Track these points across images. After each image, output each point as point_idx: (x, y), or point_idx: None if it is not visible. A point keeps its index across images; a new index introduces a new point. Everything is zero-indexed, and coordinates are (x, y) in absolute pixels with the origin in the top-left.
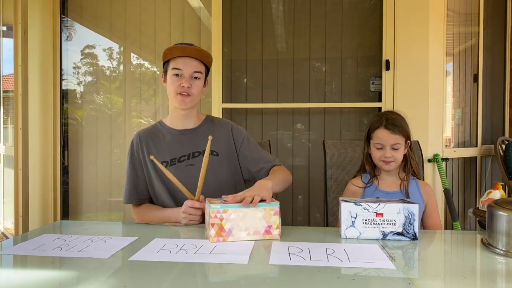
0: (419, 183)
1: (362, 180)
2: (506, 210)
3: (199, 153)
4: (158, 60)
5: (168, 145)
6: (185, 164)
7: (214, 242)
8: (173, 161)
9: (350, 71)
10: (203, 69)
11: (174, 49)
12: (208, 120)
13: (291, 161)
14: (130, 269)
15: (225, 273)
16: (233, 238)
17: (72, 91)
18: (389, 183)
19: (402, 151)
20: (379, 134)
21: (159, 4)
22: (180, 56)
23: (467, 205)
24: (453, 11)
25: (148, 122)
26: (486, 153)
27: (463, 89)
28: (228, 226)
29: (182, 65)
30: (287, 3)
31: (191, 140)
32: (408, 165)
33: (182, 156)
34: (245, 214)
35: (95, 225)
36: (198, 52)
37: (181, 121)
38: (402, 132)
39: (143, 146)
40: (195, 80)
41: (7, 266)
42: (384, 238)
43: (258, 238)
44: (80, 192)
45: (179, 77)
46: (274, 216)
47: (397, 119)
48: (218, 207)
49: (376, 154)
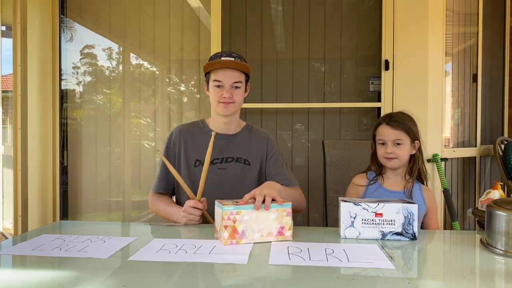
0: (423, 188)
1: (367, 177)
2: (505, 210)
3: (232, 159)
4: (158, 60)
5: (206, 146)
6: (217, 167)
7: (227, 244)
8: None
9: (350, 71)
10: (243, 78)
11: (214, 63)
12: (247, 128)
13: (291, 161)
14: (129, 269)
15: (225, 273)
16: (247, 240)
17: (71, 91)
18: (393, 182)
19: (406, 149)
20: (381, 131)
21: (158, 4)
22: (220, 68)
23: (466, 205)
24: (452, 11)
25: (147, 122)
26: (485, 153)
27: (462, 89)
28: (242, 228)
29: (222, 77)
30: (287, 3)
31: (227, 145)
32: (414, 167)
33: (216, 159)
34: (258, 215)
35: (95, 225)
36: (237, 64)
37: (222, 126)
38: (404, 129)
39: (181, 140)
40: (236, 89)
41: (6, 266)
42: (384, 238)
43: (271, 239)
44: (79, 192)
45: (220, 88)
46: (287, 217)
47: (402, 117)
48: (231, 208)
49: (379, 150)
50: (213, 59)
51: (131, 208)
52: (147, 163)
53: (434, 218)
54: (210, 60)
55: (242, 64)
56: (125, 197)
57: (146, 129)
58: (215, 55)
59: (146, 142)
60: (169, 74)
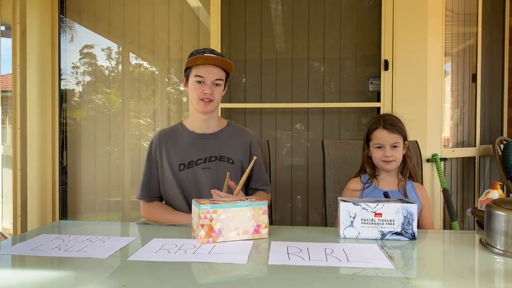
0: (415, 185)
1: (361, 180)
2: (505, 210)
3: (216, 158)
4: (157, 60)
5: (187, 148)
6: (202, 167)
7: (204, 243)
8: (190, 164)
9: (349, 71)
10: (224, 75)
11: (198, 58)
12: (229, 126)
13: (290, 161)
14: (129, 269)
15: (224, 273)
16: (223, 238)
17: (70, 91)
18: (387, 182)
19: (401, 150)
20: (378, 135)
21: (158, 3)
22: (202, 64)
23: (465, 205)
24: (452, 11)
25: (146, 122)
26: (484, 153)
27: (462, 89)
28: (218, 227)
29: (204, 73)
30: (286, 3)
31: (209, 144)
32: (406, 166)
33: (199, 159)
34: (235, 214)
35: (94, 225)
36: (221, 61)
37: (201, 125)
38: (400, 132)
39: (162, 147)
40: (216, 86)
41: (6, 266)
42: (383, 238)
43: (248, 237)
44: (78, 192)
45: (201, 84)
46: (263, 215)
47: (394, 119)
48: (208, 207)
49: (377, 154)
50: (196, 54)
51: (130, 208)
52: None
53: (428, 214)
54: (191, 56)
55: (225, 61)
56: (125, 197)
57: (145, 129)
58: (197, 51)
59: (145, 142)
60: (169, 74)
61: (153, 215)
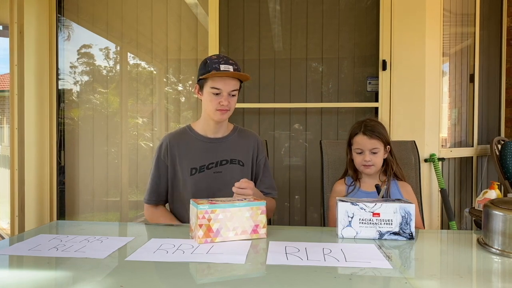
0: (398, 183)
1: (345, 182)
2: (502, 210)
3: (227, 161)
4: (155, 59)
5: (198, 152)
6: (213, 171)
7: (202, 243)
8: (202, 168)
9: (347, 71)
10: (238, 85)
11: (215, 73)
12: (236, 130)
13: (288, 161)
14: (126, 269)
15: (222, 273)
16: (221, 238)
17: (68, 90)
18: (369, 184)
19: (381, 155)
20: (358, 140)
21: (156, 3)
22: (219, 75)
23: (463, 205)
24: (450, 12)
25: (144, 122)
26: (482, 153)
27: (459, 89)
28: (216, 227)
29: (221, 85)
30: (284, 3)
31: (219, 148)
32: (389, 169)
33: (211, 164)
34: (233, 214)
35: (92, 225)
36: (239, 75)
37: (212, 130)
38: (380, 137)
39: (173, 151)
40: (232, 97)
41: (3, 266)
42: (381, 237)
43: (246, 237)
44: (76, 192)
45: (218, 96)
46: (261, 215)
47: (375, 125)
48: (206, 207)
49: (357, 159)
50: (211, 65)
51: (128, 208)
52: (144, 163)
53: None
54: (205, 63)
55: (242, 75)
56: (122, 197)
57: (143, 129)
58: (212, 61)
59: (143, 142)
60: (167, 74)
61: (158, 222)
